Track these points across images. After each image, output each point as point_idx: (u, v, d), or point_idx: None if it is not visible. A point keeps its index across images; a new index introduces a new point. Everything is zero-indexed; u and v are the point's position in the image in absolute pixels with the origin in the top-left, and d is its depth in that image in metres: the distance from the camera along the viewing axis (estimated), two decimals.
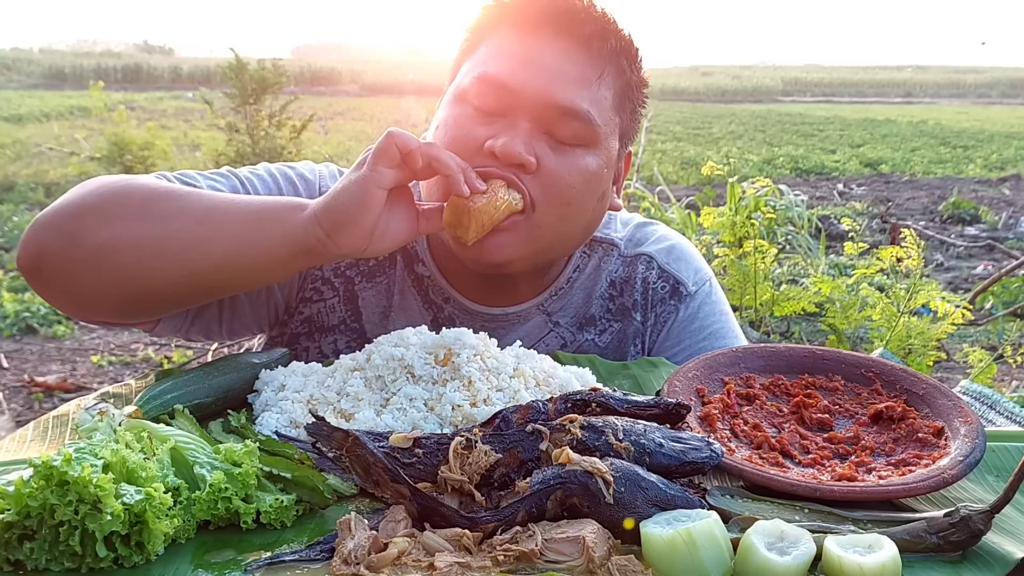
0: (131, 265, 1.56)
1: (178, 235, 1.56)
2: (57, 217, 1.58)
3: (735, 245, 4.91)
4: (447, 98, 1.79)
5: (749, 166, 16.36)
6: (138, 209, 1.58)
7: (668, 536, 1.05)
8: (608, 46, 1.73)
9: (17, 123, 21.43)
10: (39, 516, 1.06)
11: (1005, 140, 25.00)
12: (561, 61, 1.70)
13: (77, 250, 1.55)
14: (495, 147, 1.64)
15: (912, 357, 3.96)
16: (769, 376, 1.61)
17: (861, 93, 63.58)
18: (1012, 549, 1.12)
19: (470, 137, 1.68)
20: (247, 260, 1.57)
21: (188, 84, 43.11)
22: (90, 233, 1.55)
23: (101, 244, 1.54)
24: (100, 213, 1.57)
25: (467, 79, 1.73)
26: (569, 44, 1.71)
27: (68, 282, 1.60)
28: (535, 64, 1.69)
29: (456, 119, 1.72)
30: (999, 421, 1.74)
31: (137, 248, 1.55)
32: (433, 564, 1.03)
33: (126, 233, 1.55)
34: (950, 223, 12.52)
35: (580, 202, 1.73)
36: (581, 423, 1.23)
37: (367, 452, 1.16)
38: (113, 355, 6.48)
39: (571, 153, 1.70)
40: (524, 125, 1.67)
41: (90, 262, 1.55)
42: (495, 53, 1.73)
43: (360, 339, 1.89)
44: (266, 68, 13.10)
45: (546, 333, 1.95)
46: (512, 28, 1.74)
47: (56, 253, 1.56)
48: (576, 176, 1.70)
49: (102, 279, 1.57)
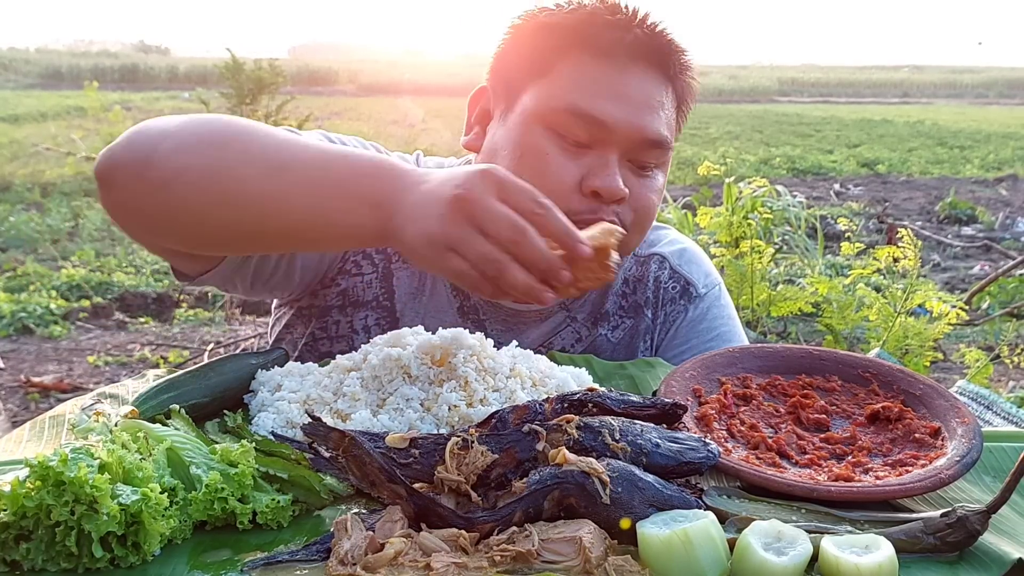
0: (196, 203, 1.47)
1: (246, 183, 1.45)
2: (140, 135, 1.51)
3: (732, 245, 4.91)
4: (521, 121, 1.76)
5: (746, 166, 16.35)
6: (212, 146, 1.48)
7: (665, 536, 1.05)
8: (676, 67, 1.79)
9: (13, 123, 21.40)
10: (35, 516, 1.06)
11: (1002, 140, 25.01)
12: (644, 90, 1.74)
13: (153, 169, 1.47)
14: (598, 188, 1.68)
15: (909, 357, 3.96)
16: (766, 376, 1.61)
17: (858, 93, 63.63)
18: (1009, 549, 1.12)
19: (563, 174, 1.70)
20: (313, 235, 1.48)
21: (185, 84, 43.07)
22: (162, 160, 1.46)
23: (170, 174, 1.45)
24: (176, 142, 1.48)
25: (553, 107, 1.72)
26: (647, 70, 1.75)
27: (143, 198, 1.50)
28: (624, 97, 1.71)
29: (544, 150, 1.71)
30: (996, 421, 1.74)
31: (202, 187, 1.46)
32: (430, 564, 1.03)
33: (194, 166, 1.46)
34: (947, 223, 12.54)
35: (655, 215, 1.82)
36: (578, 423, 1.23)
37: (363, 452, 1.16)
38: (109, 355, 6.48)
39: (651, 176, 1.78)
40: (614, 157, 1.71)
41: (157, 189, 1.47)
42: (581, 83, 1.72)
43: (390, 318, 1.89)
44: (263, 68, 13.12)
45: (564, 328, 1.96)
46: (594, 56, 1.74)
47: (132, 167, 1.49)
48: (656, 197, 1.79)
49: (177, 201, 1.48)
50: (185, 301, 7.80)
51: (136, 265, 8.81)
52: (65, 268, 8.43)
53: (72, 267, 8.51)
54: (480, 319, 1.91)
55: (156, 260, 8.95)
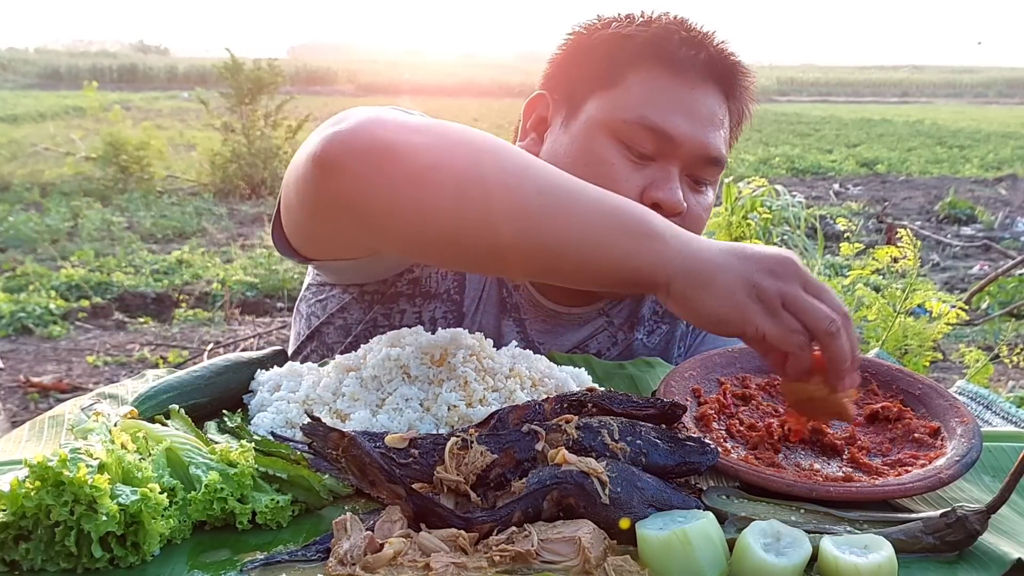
0: (438, 205, 1.34)
1: (509, 194, 1.33)
2: (377, 126, 1.36)
3: None
4: (587, 129, 1.76)
5: (745, 166, 16.35)
6: (466, 148, 1.37)
7: (664, 536, 1.05)
8: (738, 89, 1.83)
9: (13, 123, 21.42)
10: (35, 516, 1.05)
11: (1001, 140, 25.03)
12: (710, 108, 1.77)
13: (388, 168, 1.33)
14: (659, 199, 1.70)
15: (908, 357, 3.96)
16: (765, 376, 1.61)
17: (857, 93, 63.67)
18: (1008, 549, 1.12)
19: (627, 183, 1.71)
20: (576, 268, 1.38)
21: (184, 84, 43.09)
22: (409, 153, 1.34)
23: (416, 169, 1.33)
24: (427, 139, 1.37)
25: (622, 118, 1.73)
26: (714, 90, 1.79)
27: (365, 196, 1.36)
28: (694, 114, 1.74)
29: (609, 159, 1.73)
30: (995, 421, 1.74)
31: (451, 188, 1.34)
32: (429, 564, 1.03)
33: (445, 165, 1.34)
34: (946, 223, 12.54)
35: (703, 231, 1.83)
36: (577, 423, 1.23)
37: (363, 452, 1.15)
38: (108, 355, 6.48)
39: (704, 193, 1.81)
40: (675, 171, 1.73)
41: (398, 183, 1.34)
42: (652, 97, 1.74)
43: (456, 312, 1.88)
44: (262, 68, 13.14)
45: (600, 331, 1.97)
46: (665, 70, 1.75)
47: (367, 162, 1.34)
48: (707, 212, 1.83)
49: (401, 205, 1.35)
50: (185, 301, 7.81)
51: (135, 265, 8.82)
52: (64, 268, 8.43)
53: (71, 267, 8.51)
54: (521, 318, 1.92)
55: (155, 260, 8.96)
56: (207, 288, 8.13)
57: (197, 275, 8.54)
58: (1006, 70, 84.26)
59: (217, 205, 12.35)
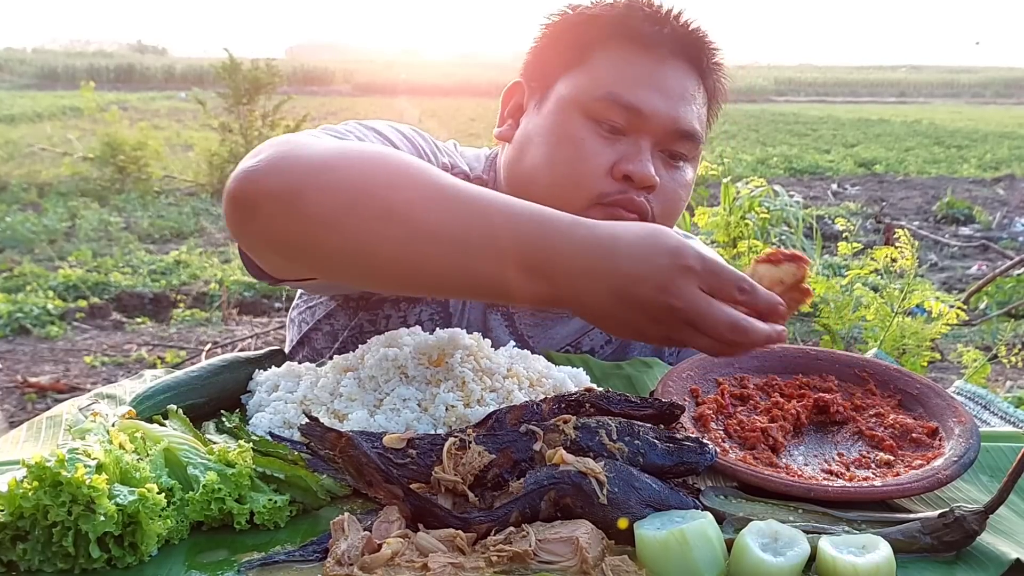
0: (355, 245, 1.32)
1: (422, 229, 1.30)
2: (289, 162, 1.34)
3: (729, 245, 4.91)
4: (557, 109, 1.78)
5: (743, 166, 16.35)
6: (375, 187, 1.33)
7: (662, 537, 1.05)
8: (710, 64, 1.83)
9: (10, 123, 21.41)
10: (32, 517, 1.05)
11: (999, 140, 25.04)
12: (682, 86, 1.77)
13: (305, 205, 1.30)
14: (629, 172, 1.70)
15: (906, 357, 3.96)
16: (763, 376, 1.61)
17: (855, 93, 63.68)
18: (1006, 549, 1.12)
19: (597, 158, 1.72)
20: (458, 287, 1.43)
21: (181, 84, 43.05)
22: (319, 196, 1.31)
23: (328, 212, 1.31)
24: (336, 177, 1.33)
25: (591, 94, 1.74)
26: (688, 70, 1.79)
27: (283, 237, 1.37)
28: (661, 88, 1.75)
29: (580, 136, 1.74)
30: (993, 421, 1.74)
31: (364, 232, 1.31)
32: (427, 565, 1.03)
33: (356, 209, 1.30)
34: (944, 223, 12.55)
35: (682, 209, 1.84)
36: (575, 423, 1.23)
37: (360, 453, 1.15)
38: (106, 355, 6.47)
39: (680, 169, 1.80)
40: (646, 145, 1.73)
41: (313, 226, 1.32)
42: (620, 73, 1.76)
43: (443, 312, 1.90)
44: (259, 68, 13.13)
45: (593, 328, 1.96)
46: (633, 47, 1.77)
47: (282, 199, 1.33)
48: (685, 189, 1.81)
49: (336, 242, 1.33)
50: (182, 302, 7.80)
51: (133, 265, 8.81)
52: (62, 268, 8.42)
53: (69, 267, 8.50)
54: (510, 312, 1.93)
55: (153, 260, 8.96)
56: (205, 288, 8.12)
57: (195, 275, 8.53)
58: (1004, 70, 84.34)
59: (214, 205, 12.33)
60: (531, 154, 1.79)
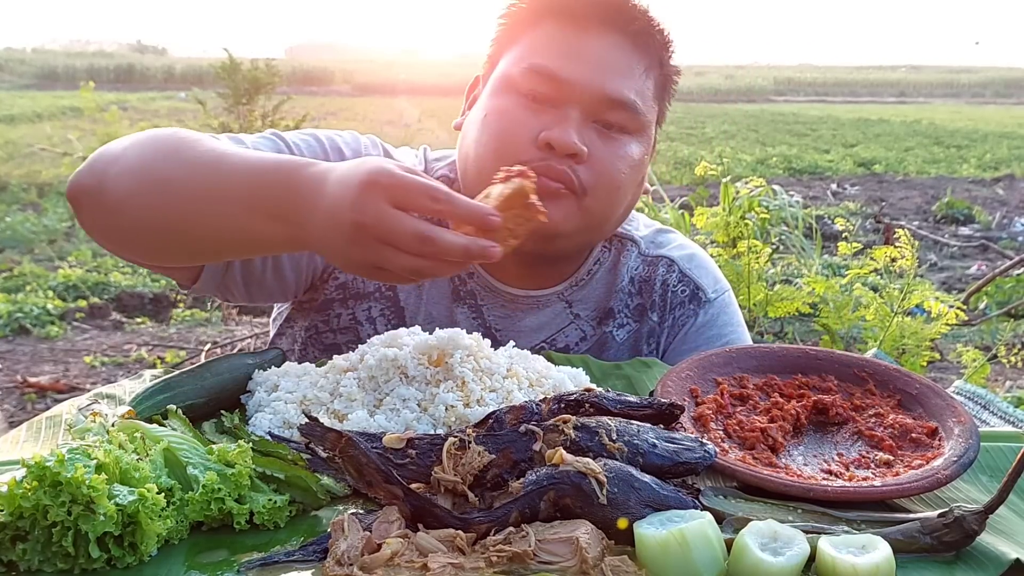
0: (145, 223, 1.55)
1: (184, 194, 1.51)
2: (98, 161, 1.58)
3: (729, 245, 4.90)
4: (491, 88, 1.82)
5: (742, 166, 16.35)
6: (151, 168, 1.55)
7: (661, 537, 1.05)
8: (652, 40, 1.82)
9: (9, 123, 21.39)
10: (32, 517, 1.05)
11: (999, 140, 25.05)
12: (609, 54, 1.78)
13: (106, 195, 1.55)
14: (550, 138, 1.70)
15: (906, 357, 3.96)
16: (762, 376, 1.61)
17: (855, 93, 63.71)
18: (1006, 549, 1.12)
19: (523, 128, 1.73)
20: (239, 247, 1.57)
21: (181, 84, 43.02)
22: (112, 184, 1.54)
23: (118, 198, 1.54)
24: (122, 167, 1.55)
25: (516, 69, 1.78)
26: (616, 38, 1.79)
27: (103, 220, 1.61)
28: (584, 56, 1.76)
29: (506, 109, 1.77)
30: (993, 421, 1.74)
31: (146, 209, 1.54)
32: (426, 565, 1.03)
33: (138, 191, 1.54)
34: (944, 223, 12.55)
35: (626, 186, 1.82)
36: (574, 423, 1.23)
37: (360, 453, 1.15)
38: (106, 355, 6.47)
39: (618, 140, 1.78)
40: (574, 115, 1.73)
41: (112, 212, 1.57)
42: (544, 45, 1.78)
43: (394, 307, 1.92)
44: (259, 68, 13.11)
45: (567, 324, 1.97)
46: (559, 21, 1.79)
47: (91, 192, 1.57)
48: (623, 162, 1.79)
49: (128, 223, 1.57)
50: (182, 301, 7.80)
51: (132, 265, 8.80)
52: (62, 268, 8.42)
53: (69, 267, 8.51)
54: (477, 304, 1.94)
55: None
56: None
57: None
58: (1003, 70, 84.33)
59: None
60: (468, 135, 1.83)
